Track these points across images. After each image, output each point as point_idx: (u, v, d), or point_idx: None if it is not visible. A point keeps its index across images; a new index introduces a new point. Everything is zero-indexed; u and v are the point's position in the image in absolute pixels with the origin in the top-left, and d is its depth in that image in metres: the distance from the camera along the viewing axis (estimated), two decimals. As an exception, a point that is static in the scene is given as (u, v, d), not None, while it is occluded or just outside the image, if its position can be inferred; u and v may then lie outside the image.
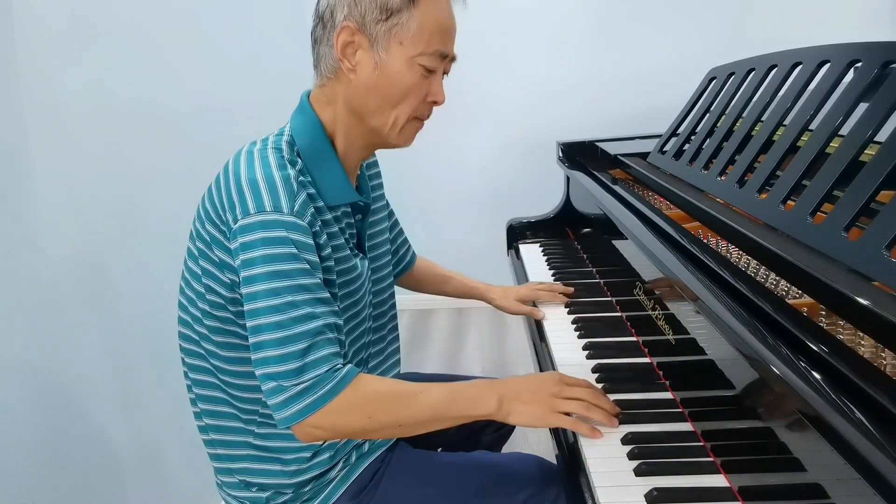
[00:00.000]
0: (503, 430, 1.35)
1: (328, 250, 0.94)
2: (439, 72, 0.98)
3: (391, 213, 1.29)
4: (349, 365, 0.90)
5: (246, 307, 0.88)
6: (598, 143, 1.85)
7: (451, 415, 0.91)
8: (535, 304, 1.43)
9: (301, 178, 0.92)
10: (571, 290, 1.46)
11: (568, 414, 0.91)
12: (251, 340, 0.88)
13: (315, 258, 0.90)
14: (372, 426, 0.90)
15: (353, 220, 1.04)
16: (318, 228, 0.92)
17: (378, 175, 1.20)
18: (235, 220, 0.88)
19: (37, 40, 1.23)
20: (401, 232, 1.35)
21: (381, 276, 1.16)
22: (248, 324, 0.88)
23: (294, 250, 0.87)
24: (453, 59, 0.99)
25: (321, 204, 0.95)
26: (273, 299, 0.86)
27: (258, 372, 0.88)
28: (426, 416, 0.91)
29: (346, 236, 1.01)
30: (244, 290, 0.88)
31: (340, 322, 0.93)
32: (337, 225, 0.98)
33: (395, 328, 1.22)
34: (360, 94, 0.95)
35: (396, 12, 0.91)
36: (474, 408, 0.91)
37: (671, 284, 1.03)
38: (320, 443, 1.01)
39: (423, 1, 0.92)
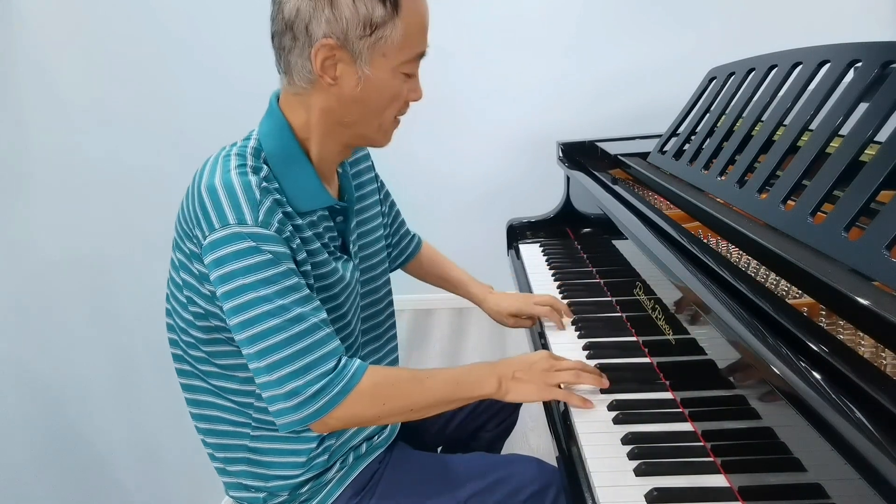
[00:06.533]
0: (503, 426, 1.35)
1: (303, 254, 0.93)
2: (417, 72, 0.97)
3: (392, 205, 1.27)
4: (356, 360, 0.91)
5: (234, 320, 0.86)
6: (598, 143, 1.85)
7: (457, 397, 0.98)
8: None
9: (265, 184, 0.89)
10: (572, 316, 1.33)
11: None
12: (248, 350, 0.87)
13: (291, 264, 0.89)
14: (386, 412, 0.93)
15: (332, 224, 1.02)
16: (288, 234, 0.90)
17: (368, 170, 1.17)
18: (204, 237, 0.87)
19: (37, 41, 1.23)
20: (402, 223, 1.33)
21: (373, 275, 1.15)
22: (242, 335, 0.86)
23: (269, 256, 0.86)
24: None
25: (290, 209, 0.93)
26: (264, 305, 0.85)
27: (264, 379, 0.86)
28: (435, 399, 0.96)
29: (325, 240, 0.99)
30: (227, 305, 0.86)
31: (326, 315, 0.91)
32: (311, 230, 0.96)
33: (393, 326, 1.22)
34: (343, 106, 0.93)
35: (381, 26, 0.87)
36: (479, 389, 0.98)
37: (677, 291, 1.03)
38: (315, 447, 1.00)
39: (404, 8, 0.88)
